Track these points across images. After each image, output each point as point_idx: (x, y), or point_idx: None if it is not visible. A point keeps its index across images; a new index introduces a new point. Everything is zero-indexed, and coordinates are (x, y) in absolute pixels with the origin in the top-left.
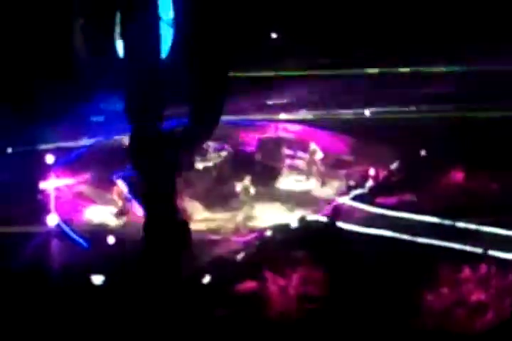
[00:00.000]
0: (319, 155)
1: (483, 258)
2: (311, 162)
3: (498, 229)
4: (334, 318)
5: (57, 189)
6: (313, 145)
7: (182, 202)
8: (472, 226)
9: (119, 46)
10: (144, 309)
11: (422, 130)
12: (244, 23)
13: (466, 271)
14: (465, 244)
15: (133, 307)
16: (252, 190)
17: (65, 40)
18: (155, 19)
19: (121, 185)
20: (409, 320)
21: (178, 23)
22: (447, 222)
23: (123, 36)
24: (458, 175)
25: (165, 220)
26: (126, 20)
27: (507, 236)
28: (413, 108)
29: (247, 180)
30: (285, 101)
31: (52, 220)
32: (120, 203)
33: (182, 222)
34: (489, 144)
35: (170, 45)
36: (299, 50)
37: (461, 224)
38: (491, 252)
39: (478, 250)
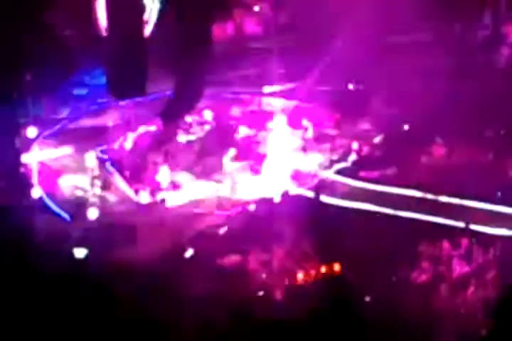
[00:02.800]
0: (310, 132)
1: (466, 232)
2: (305, 138)
3: (480, 203)
4: (317, 293)
5: (40, 162)
6: (305, 122)
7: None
8: (455, 201)
9: (101, 20)
10: (126, 283)
11: (404, 104)
12: None
13: (448, 246)
14: (447, 218)
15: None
16: (237, 163)
17: (47, 14)
18: None
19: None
20: (392, 295)
21: None
22: (430, 196)
23: (106, 10)
24: (441, 149)
25: None
26: None
27: (490, 211)
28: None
29: (231, 152)
30: (268, 73)
31: (35, 193)
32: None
33: None
34: (473, 117)
35: (152, 18)
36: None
37: (443, 198)
38: (473, 227)
39: (461, 224)
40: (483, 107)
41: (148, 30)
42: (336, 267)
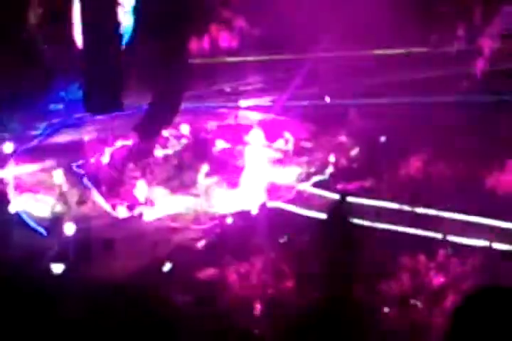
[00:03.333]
0: (291, 144)
1: (443, 243)
2: (285, 150)
3: (457, 214)
4: (295, 305)
5: (16, 177)
6: (287, 134)
7: (143, 188)
8: (432, 212)
9: (77, 34)
10: (104, 297)
11: (383, 116)
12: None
13: (426, 257)
14: (424, 229)
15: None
16: (212, 177)
17: (23, 28)
18: (114, 8)
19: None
20: (369, 307)
21: (137, 10)
22: (407, 208)
23: (81, 24)
24: (417, 161)
25: None
26: (84, 6)
27: (467, 222)
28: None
29: (205, 168)
30: (244, 87)
31: (11, 209)
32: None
33: None
34: (449, 131)
35: (128, 32)
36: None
37: (420, 210)
38: (451, 238)
39: (438, 236)
40: (460, 119)
41: (123, 45)
42: (315, 280)
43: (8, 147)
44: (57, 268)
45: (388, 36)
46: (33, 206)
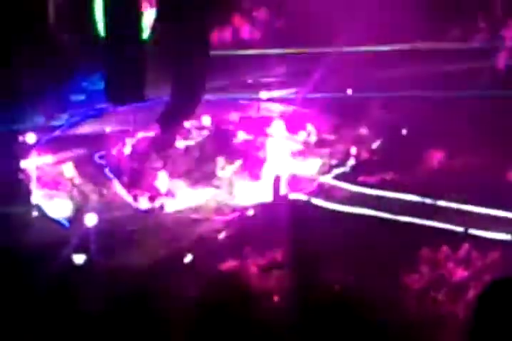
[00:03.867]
0: (313, 136)
1: (465, 237)
2: (307, 143)
3: (479, 207)
4: (313, 297)
5: (39, 168)
6: (309, 126)
7: (165, 179)
8: (453, 205)
9: (100, 23)
10: (126, 289)
11: (405, 108)
12: None
13: (447, 251)
14: (446, 222)
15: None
16: (236, 169)
17: (47, 18)
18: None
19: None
20: (390, 300)
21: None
22: (429, 201)
23: (104, 14)
24: (439, 154)
25: None
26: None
27: (488, 215)
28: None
29: (221, 161)
30: (266, 79)
31: (33, 199)
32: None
33: None
34: (471, 123)
35: (151, 24)
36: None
37: (442, 203)
38: (472, 231)
39: (460, 229)
40: (483, 112)
41: (146, 35)
42: (334, 272)
43: (31, 138)
44: (79, 259)
45: (409, 29)
46: (54, 197)
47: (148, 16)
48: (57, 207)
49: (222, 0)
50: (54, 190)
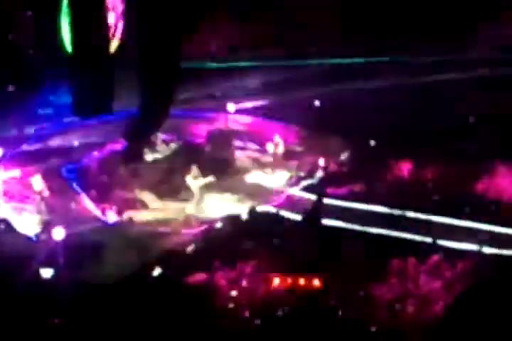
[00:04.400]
0: (281, 148)
1: (433, 248)
2: (275, 154)
3: (447, 218)
4: (285, 309)
5: (6, 182)
6: (276, 138)
7: (132, 193)
8: (422, 216)
9: (66, 39)
10: (93, 302)
11: (372, 120)
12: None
13: (416, 261)
14: (415, 233)
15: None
16: (202, 181)
17: (13, 33)
18: (103, 12)
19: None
20: (360, 312)
21: (127, 14)
22: (397, 212)
23: (71, 30)
24: (407, 165)
25: None
26: (74, 11)
27: (456, 226)
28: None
29: (195, 171)
30: (234, 91)
31: (1, 213)
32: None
33: None
34: (437, 134)
35: (118, 36)
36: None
37: (410, 214)
38: (441, 242)
39: (428, 240)
40: (450, 124)
41: (113, 48)
42: (303, 283)
43: None
44: (47, 272)
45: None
46: (21, 211)
47: (116, 29)
48: (25, 221)
49: (192, 14)
50: (21, 203)
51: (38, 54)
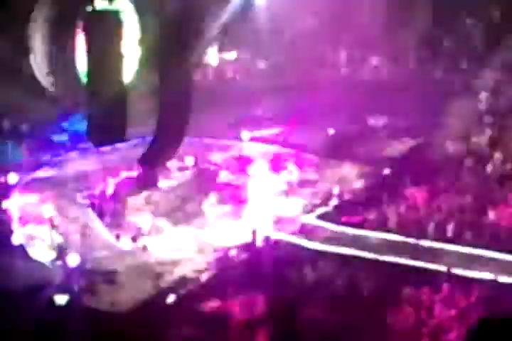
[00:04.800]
0: (295, 175)
1: (448, 276)
2: (289, 182)
3: (461, 247)
4: (300, 336)
5: (20, 208)
6: (290, 166)
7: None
8: (436, 245)
9: (82, 66)
10: (108, 329)
11: (386, 149)
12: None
13: (431, 290)
14: (429, 262)
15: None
16: (219, 209)
17: (27, 64)
18: (118, 39)
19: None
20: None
21: (142, 43)
22: (411, 240)
23: (86, 56)
24: (421, 194)
25: None
26: (89, 39)
27: (470, 255)
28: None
29: (212, 198)
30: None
31: (15, 239)
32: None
33: None
34: (451, 163)
35: (132, 65)
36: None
37: (425, 242)
38: (455, 270)
39: (443, 268)
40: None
41: (128, 77)
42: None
43: (13, 178)
44: (61, 299)
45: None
46: (36, 237)
47: (130, 59)
48: (40, 247)
49: (203, 41)
50: (36, 230)
51: (54, 82)
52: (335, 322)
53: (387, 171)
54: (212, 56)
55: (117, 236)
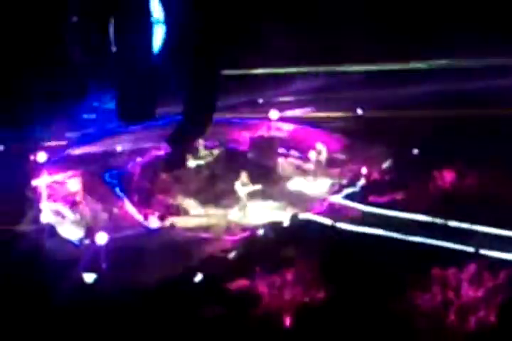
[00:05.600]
0: (324, 155)
1: (475, 257)
2: (318, 162)
3: (489, 228)
4: (327, 317)
5: (49, 186)
6: (319, 146)
7: (175, 198)
8: (464, 225)
9: (112, 44)
10: (137, 307)
11: (414, 129)
12: (236, 19)
13: (458, 270)
14: (457, 242)
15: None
16: (250, 188)
17: (60, 38)
18: (147, 20)
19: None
20: (402, 320)
21: (169, 23)
22: (439, 221)
23: (115, 37)
24: (449, 174)
25: None
26: (118, 20)
27: (499, 236)
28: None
29: (244, 177)
30: (278, 98)
31: (43, 218)
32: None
33: None
34: (481, 143)
35: (161, 44)
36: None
37: (453, 223)
38: (483, 251)
39: (470, 249)
40: (493, 133)
41: (157, 55)
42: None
43: (42, 156)
44: (90, 277)
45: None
46: (65, 216)
47: (160, 38)
48: (68, 225)
49: (232, 23)
50: (64, 208)
51: (84, 60)
52: (363, 302)
53: (415, 151)
54: None
55: (145, 215)
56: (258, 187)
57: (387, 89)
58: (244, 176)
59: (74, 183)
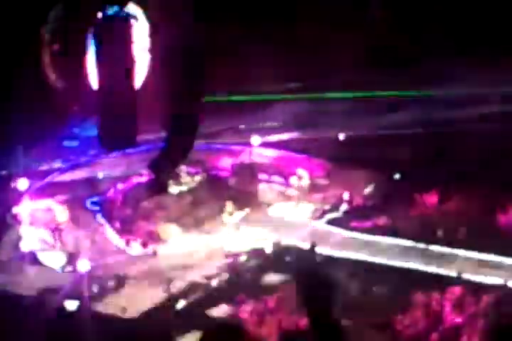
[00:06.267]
0: (305, 181)
1: (458, 281)
2: (300, 187)
3: (472, 252)
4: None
5: (31, 213)
6: (300, 171)
7: (156, 225)
8: (446, 250)
9: (92, 69)
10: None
11: (396, 153)
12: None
13: (441, 295)
14: (440, 267)
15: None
16: (238, 216)
17: (38, 65)
18: (128, 42)
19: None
20: None
21: (152, 47)
22: (421, 246)
23: (96, 60)
24: (431, 198)
25: None
26: (98, 42)
27: (481, 260)
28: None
29: (229, 207)
30: (258, 124)
31: (24, 246)
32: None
33: None
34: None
35: (143, 72)
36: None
37: (435, 248)
38: (466, 276)
39: (453, 273)
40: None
41: (138, 82)
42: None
43: (23, 183)
44: (71, 305)
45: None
46: (46, 243)
47: (141, 63)
48: (50, 252)
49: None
50: (46, 235)
51: (65, 87)
52: (345, 326)
53: (397, 176)
54: None
55: (127, 242)
56: (246, 211)
57: (370, 115)
58: (229, 205)
59: (55, 210)
